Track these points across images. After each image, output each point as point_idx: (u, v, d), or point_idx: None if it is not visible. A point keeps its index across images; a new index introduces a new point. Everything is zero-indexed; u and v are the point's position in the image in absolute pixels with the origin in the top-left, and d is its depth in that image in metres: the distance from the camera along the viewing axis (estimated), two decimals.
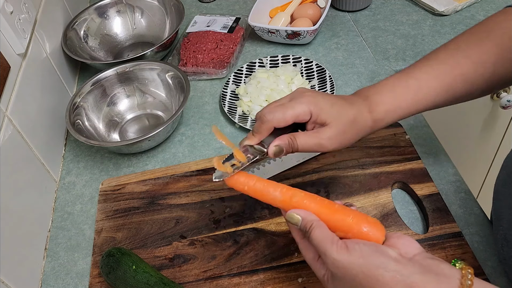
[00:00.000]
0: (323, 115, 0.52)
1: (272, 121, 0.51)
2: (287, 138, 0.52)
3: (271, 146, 0.52)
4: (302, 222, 0.47)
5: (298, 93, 0.54)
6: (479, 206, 0.65)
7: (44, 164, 0.74)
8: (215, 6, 1.12)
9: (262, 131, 0.52)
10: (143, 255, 0.65)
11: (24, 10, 0.74)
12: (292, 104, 0.52)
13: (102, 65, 0.90)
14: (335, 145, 0.52)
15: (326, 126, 0.52)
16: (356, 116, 0.53)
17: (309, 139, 0.52)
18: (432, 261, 0.42)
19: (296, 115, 0.51)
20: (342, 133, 0.52)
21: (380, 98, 0.54)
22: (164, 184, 0.73)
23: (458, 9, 0.98)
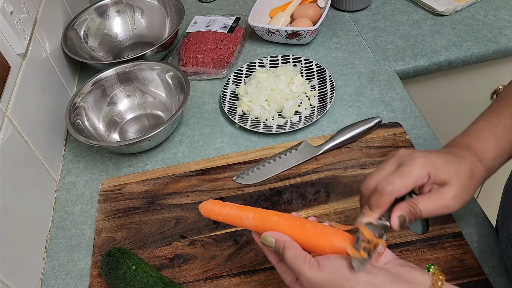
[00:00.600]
0: (442, 175, 0.48)
1: (393, 192, 0.47)
2: (408, 206, 0.48)
3: (394, 217, 0.47)
4: (276, 244, 0.47)
5: (406, 155, 0.50)
6: (479, 206, 0.65)
7: (44, 164, 0.74)
8: (215, 6, 1.12)
9: (383, 205, 0.48)
10: (143, 255, 0.65)
11: (24, 10, 0.74)
12: (408, 169, 0.48)
13: (102, 65, 0.90)
14: (461, 203, 0.49)
15: (448, 186, 0.48)
16: (472, 169, 0.50)
17: (432, 202, 0.48)
18: (403, 269, 0.42)
19: (414, 180, 0.48)
20: (465, 189, 0.49)
21: (484, 146, 0.52)
22: (164, 184, 0.73)
23: (458, 9, 0.98)
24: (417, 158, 0.49)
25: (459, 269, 0.57)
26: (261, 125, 0.80)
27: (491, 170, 0.53)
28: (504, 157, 0.53)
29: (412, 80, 0.93)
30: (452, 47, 0.90)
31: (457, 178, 0.49)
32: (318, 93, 0.84)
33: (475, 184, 0.50)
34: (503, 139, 0.52)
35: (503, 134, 0.52)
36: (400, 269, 0.42)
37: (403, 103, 0.81)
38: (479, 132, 0.54)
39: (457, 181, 0.48)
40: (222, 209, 0.50)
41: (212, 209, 0.51)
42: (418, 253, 0.59)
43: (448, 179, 0.48)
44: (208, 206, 0.51)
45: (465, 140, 0.54)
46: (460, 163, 0.50)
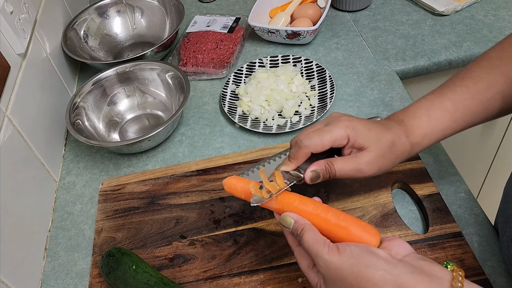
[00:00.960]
0: (361, 140, 0.51)
1: (309, 146, 0.51)
2: (324, 164, 0.51)
3: (308, 171, 0.51)
4: (294, 225, 0.47)
5: (334, 117, 0.53)
6: (479, 206, 0.65)
7: (44, 164, 0.74)
8: (215, 6, 1.12)
9: (299, 157, 0.52)
10: (143, 255, 0.65)
11: (24, 10, 0.74)
12: (329, 128, 0.51)
13: (102, 65, 0.90)
14: (374, 170, 0.51)
15: (364, 151, 0.51)
16: (394, 140, 0.52)
17: (347, 164, 0.51)
18: (423, 262, 0.42)
19: (333, 139, 0.51)
20: (381, 157, 0.51)
21: (416, 122, 0.53)
22: (164, 184, 0.73)
23: (458, 9, 0.98)
24: (341, 120, 0.52)
25: None
26: (261, 125, 0.80)
27: (417, 146, 0.54)
28: (434, 136, 0.54)
29: (412, 80, 0.93)
30: (452, 47, 0.90)
31: (375, 145, 0.51)
32: (318, 93, 0.84)
33: (394, 156, 0.52)
34: (437, 119, 0.53)
35: (438, 114, 0.53)
36: (420, 262, 0.42)
37: (403, 103, 0.81)
38: (416, 109, 0.55)
39: (374, 148, 0.51)
40: (246, 186, 0.51)
41: (235, 186, 0.52)
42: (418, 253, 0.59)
43: (366, 145, 0.51)
44: (232, 182, 0.52)
45: (402, 114, 0.55)
46: (383, 132, 0.52)
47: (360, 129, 0.51)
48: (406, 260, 0.42)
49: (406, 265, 0.41)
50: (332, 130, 0.51)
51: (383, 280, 0.40)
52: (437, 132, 0.54)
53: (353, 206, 0.66)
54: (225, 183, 0.54)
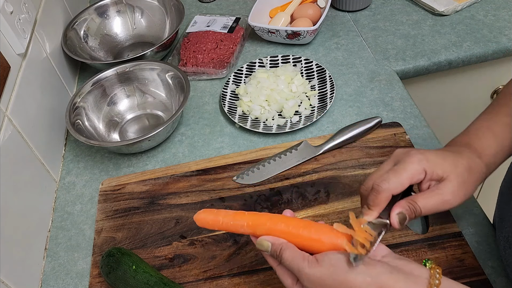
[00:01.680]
0: (439, 170, 0.49)
1: (389, 189, 0.47)
2: (407, 204, 0.48)
3: (394, 215, 0.47)
4: (272, 247, 0.47)
5: (402, 154, 0.50)
6: (479, 206, 0.65)
7: (44, 164, 0.74)
8: (215, 6, 1.12)
9: (380, 203, 0.48)
10: (143, 255, 0.65)
11: (24, 10, 0.74)
12: (403, 166, 0.49)
13: (102, 65, 0.90)
14: (461, 198, 0.49)
15: (445, 181, 0.49)
16: (470, 164, 0.50)
17: (430, 199, 0.48)
18: (401, 261, 0.43)
19: (410, 176, 0.48)
20: (463, 183, 0.49)
21: (484, 143, 0.53)
22: (164, 184, 0.73)
23: (458, 9, 0.98)
24: (412, 155, 0.49)
25: (459, 269, 0.57)
26: (261, 125, 0.80)
27: (492, 166, 0.53)
28: (505, 153, 0.53)
29: (412, 80, 0.93)
30: (452, 47, 0.90)
31: (455, 173, 0.49)
32: (318, 93, 0.84)
33: (474, 179, 0.50)
34: (502, 136, 0.53)
35: (501, 131, 0.53)
36: (397, 262, 0.43)
37: (403, 103, 0.81)
38: (477, 131, 0.54)
39: (454, 176, 0.49)
40: (216, 218, 0.50)
41: (206, 220, 0.50)
42: (418, 253, 0.59)
43: (446, 175, 0.49)
44: (202, 217, 0.50)
45: (464, 138, 0.54)
46: (457, 158, 0.50)
47: (435, 160, 0.49)
48: (384, 260, 0.43)
49: (384, 265, 0.42)
50: (406, 167, 0.48)
51: (364, 282, 0.41)
52: (506, 148, 0.53)
53: (353, 206, 0.66)
54: (196, 219, 0.51)
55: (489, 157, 0.52)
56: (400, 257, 0.44)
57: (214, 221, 0.50)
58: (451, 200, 0.48)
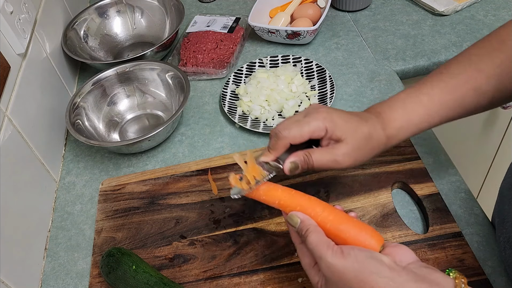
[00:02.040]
0: (338, 131, 0.51)
1: (288, 137, 0.51)
2: (302, 154, 0.52)
3: (287, 162, 0.52)
4: (300, 225, 0.47)
5: (313, 109, 0.54)
6: (479, 206, 0.65)
7: (44, 164, 0.74)
8: (215, 6, 1.12)
9: (278, 148, 0.52)
10: (143, 255, 0.65)
11: (24, 10, 0.74)
12: (308, 120, 0.52)
13: (102, 65, 0.90)
14: (350, 161, 0.52)
15: (341, 142, 0.52)
16: (371, 132, 0.52)
17: (324, 155, 0.52)
18: (426, 270, 0.42)
19: (311, 131, 0.51)
20: (357, 149, 0.52)
21: (392, 115, 0.54)
22: (164, 184, 0.73)
23: (458, 9, 0.98)
24: (320, 112, 0.52)
25: (459, 269, 0.57)
26: (261, 125, 0.80)
27: (393, 139, 0.54)
28: (410, 129, 0.54)
29: (412, 80, 0.92)
30: (452, 47, 0.90)
31: (352, 137, 0.51)
32: (318, 93, 0.84)
33: (371, 147, 0.53)
34: (413, 112, 0.54)
35: (414, 108, 0.54)
36: (423, 270, 0.42)
37: None
38: (393, 102, 0.55)
39: (351, 139, 0.51)
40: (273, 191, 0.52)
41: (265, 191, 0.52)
42: (418, 253, 0.59)
43: (343, 137, 0.51)
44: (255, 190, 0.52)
45: (379, 107, 0.56)
46: (360, 125, 0.52)
47: (337, 121, 0.52)
48: (410, 268, 0.42)
49: (409, 273, 0.41)
50: (310, 122, 0.52)
51: (387, 286, 0.40)
52: (413, 125, 0.54)
53: (353, 206, 0.66)
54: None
55: (393, 130, 0.54)
56: (426, 266, 0.43)
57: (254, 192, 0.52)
58: (341, 161, 0.52)
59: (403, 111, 0.54)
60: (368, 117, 0.54)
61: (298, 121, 0.52)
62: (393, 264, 0.42)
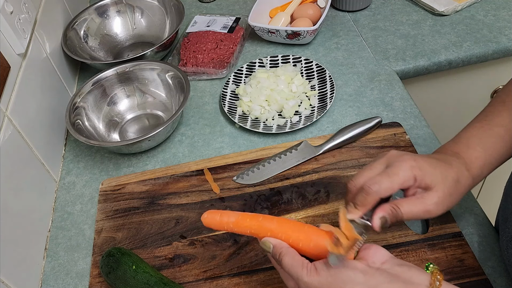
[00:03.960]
0: (428, 179, 0.48)
1: (379, 192, 0.47)
2: (390, 208, 0.48)
3: (376, 218, 0.47)
4: (273, 250, 0.47)
5: (395, 157, 0.50)
6: (479, 206, 0.65)
7: (44, 164, 0.74)
8: (215, 6, 1.12)
9: (368, 204, 0.48)
10: (143, 255, 0.65)
11: (24, 10, 0.74)
12: (396, 171, 0.48)
13: (102, 65, 0.90)
14: (443, 209, 0.49)
15: (432, 191, 0.48)
16: (459, 176, 0.50)
17: (414, 206, 0.48)
18: (400, 268, 0.42)
19: (401, 182, 0.48)
20: (448, 196, 0.49)
21: (474, 154, 0.52)
22: (164, 184, 0.73)
23: (458, 9, 0.98)
24: (406, 160, 0.49)
25: (459, 269, 0.57)
26: (261, 125, 0.80)
27: (478, 178, 0.53)
28: (493, 165, 0.53)
29: (412, 80, 0.93)
30: (452, 47, 0.90)
31: (442, 184, 0.48)
32: (318, 93, 0.84)
33: (459, 192, 0.50)
34: (492, 147, 0.52)
35: (492, 142, 0.52)
36: (397, 269, 0.42)
37: (403, 103, 0.81)
38: (468, 140, 0.53)
39: (441, 187, 0.48)
40: (221, 220, 0.50)
41: (211, 221, 0.51)
42: (418, 253, 0.59)
43: (433, 184, 0.48)
44: (209, 217, 0.51)
45: (455, 147, 0.54)
46: (447, 169, 0.50)
47: (426, 169, 0.49)
48: (384, 268, 0.42)
49: (383, 274, 0.41)
50: (399, 173, 0.48)
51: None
52: (495, 160, 0.53)
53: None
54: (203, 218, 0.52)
55: (477, 169, 0.52)
56: (401, 263, 0.43)
57: (219, 223, 0.50)
58: (433, 210, 0.48)
59: (482, 148, 0.52)
60: (450, 160, 0.51)
61: (386, 174, 0.48)
62: (366, 268, 0.42)
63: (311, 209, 0.67)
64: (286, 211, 0.67)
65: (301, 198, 0.68)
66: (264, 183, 0.71)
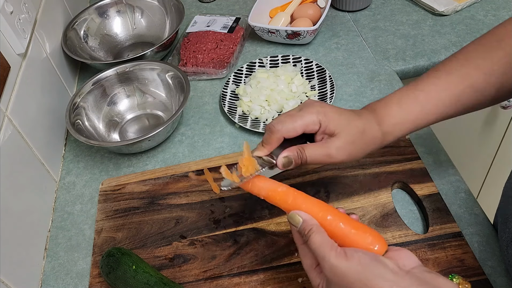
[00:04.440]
0: (332, 125, 0.51)
1: (281, 131, 0.51)
2: (296, 149, 0.51)
3: (280, 157, 0.52)
4: (302, 224, 0.47)
5: (307, 104, 0.54)
6: (479, 206, 0.65)
7: (44, 164, 0.74)
8: (215, 6, 1.12)
9: (272, 142, 0.52)
10: (143, 255, 0.65)
11: (24, 10, 0.74)
12: (301, 114, 0.52)
13: (102, 65, 0.90)
14: (344, 156, 0.52)
15: (335, 137, 0.52)
16: (365, 127, 0.52)
17: (317, 149, 0.52)
18: (429, 275, 0.42)
19: (305, 124, 0.51)
20: (351, 143, 0.52)
21: (388, 111, 0.54)
22: (164, 184, 0.73)
23: (458, 9, 0.98)
24: (314, 106, 0.52)
25: (459, 269, 0.57)
26: (261, 125, 0.80)
27: (389, 135, 0.54)
28: (406, 126, 0.54)
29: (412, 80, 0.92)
30: (452, 47, 0.90)
31: (345, 131, 0.51)
32: (318, 93, 0.84)
33: (365, 142, 0.53)
34: (408, 109, 0.54)
35: (409, 104, 0.54)
36: (426, 275, 0.42)
37: None
38: (390, 99, 0.55)
39: (344, 133, 0.51)
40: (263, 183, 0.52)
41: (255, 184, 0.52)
42: (418, 253, 0.59)
43: (337, 131, 0.51)
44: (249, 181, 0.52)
45: (375, 104, 0.56)
46: (354, 118, 0.52)
47: (331, 115, 0.52)
48: (413, 272, 0.42)
49: (413, 278, 0.41)
50: (304, 116, 0.51)
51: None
52: (408, 122, 0.54)
53: (353, 206, 0.66)
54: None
55: (388, 126, 0.54)
56: (429, 271, 0.43)
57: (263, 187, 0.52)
58: (334, 155, 0.51)
59: (399, 108, 0.54)
60: (362, 112, 0.54)
61: (291, 115, 0.52)
62: (396, 268, 0.42)
63: None
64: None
65: None
66: None
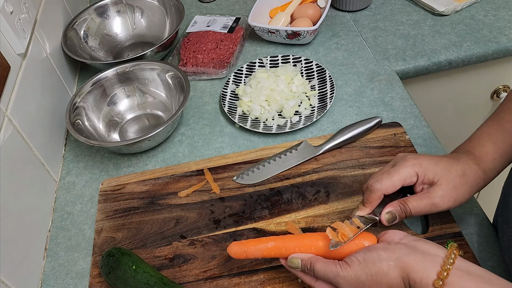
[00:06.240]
0: (430, 174, 0.52)
1: (381, 189, 0.52)
2: (398, 204, 0.53)
3: (383, 213, 0.53)
4: (302, 263, 0.50)
5: (400, 158, 0.55)
6: (479, 206, 0.65)
7: (44, 164, 0.74)
8: (215, 6, 1.12)
9: (373, 201, 0.54)
10: (143, 255, 0.65)
11: (24, 10, 0.74)
12: (397, 169, 0.53)
13: (102, 65, 0.90)
14: (450, 202, 0.52)
15: (436, 185, 0.52)
16: (464, 170, 0.53)
17: (421, 201, 0.52)
18: (418, 242, 0.46)
19: (402, 179, 0.52)
20: (454, 188, 0.52)
21: (483, 149, 0.55)
22: (164, 184, 0.73)
23: (458, 9, 0.98)
24: (408, 159, 0.53)
25: None
26: (261, 125, 0.80)
27: (491, 172, 0.54)
28: (505, 157, 0.55)
29: (412, 80, 0.93)
30: (452, 47, 0.90)
31: (446, 178, 0.52)
32: (318, 93, 0.84)
33: (468, 185, 0.53)
34: (502, 142, 0.54)
35: (502, 137, 0.55)
36: (415, 243, 0.46)
37: (403, 103, 0.81)
38: (479, 137, 0.56)
39: (445, 180, 0.52)
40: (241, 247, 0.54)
41: (246, 251, 0.54)
42: None
43: (436, 179, 0.52)
44: (233, 249, 0.54)
45: (467, 145, 0.57)
46: (451, 164, 0.53)
47: (427, 165, 0.52)
48: (402, 242, 0.46)
49: (402, 247, 0.45)
50: (399, 170, 0.52)
51: (389, 268, 0.44)
52: (506, 154, 0.55)
53: (353, 206, 0.66)
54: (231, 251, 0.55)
55: (488, 163, 0.54)
56: (417, 238, 0.47)
57: (244, 253, 0.54)
58: (440, 203, 0.52)
59: (492, 143, 0.54)
60: (458, 156, 0.55)
61: (387, 172, 0.53)
62: (385, 245, 0.46)
63: (311, 209, 0.67)
64: (286, 211, 0.67)
65: (301, 198, 0.68)
66: (264, 183, 0.71)
